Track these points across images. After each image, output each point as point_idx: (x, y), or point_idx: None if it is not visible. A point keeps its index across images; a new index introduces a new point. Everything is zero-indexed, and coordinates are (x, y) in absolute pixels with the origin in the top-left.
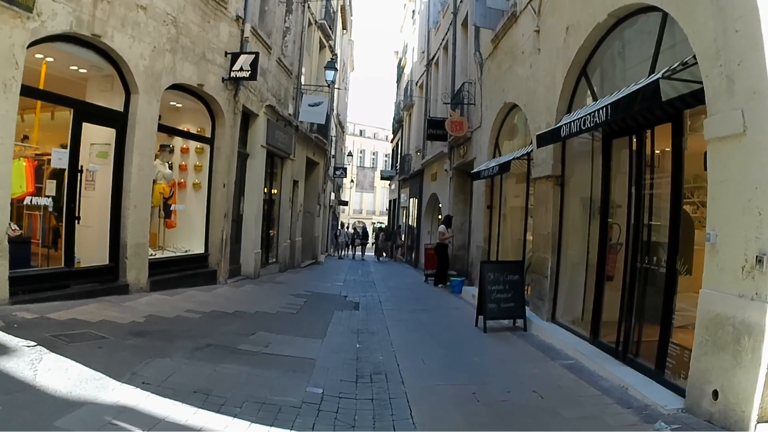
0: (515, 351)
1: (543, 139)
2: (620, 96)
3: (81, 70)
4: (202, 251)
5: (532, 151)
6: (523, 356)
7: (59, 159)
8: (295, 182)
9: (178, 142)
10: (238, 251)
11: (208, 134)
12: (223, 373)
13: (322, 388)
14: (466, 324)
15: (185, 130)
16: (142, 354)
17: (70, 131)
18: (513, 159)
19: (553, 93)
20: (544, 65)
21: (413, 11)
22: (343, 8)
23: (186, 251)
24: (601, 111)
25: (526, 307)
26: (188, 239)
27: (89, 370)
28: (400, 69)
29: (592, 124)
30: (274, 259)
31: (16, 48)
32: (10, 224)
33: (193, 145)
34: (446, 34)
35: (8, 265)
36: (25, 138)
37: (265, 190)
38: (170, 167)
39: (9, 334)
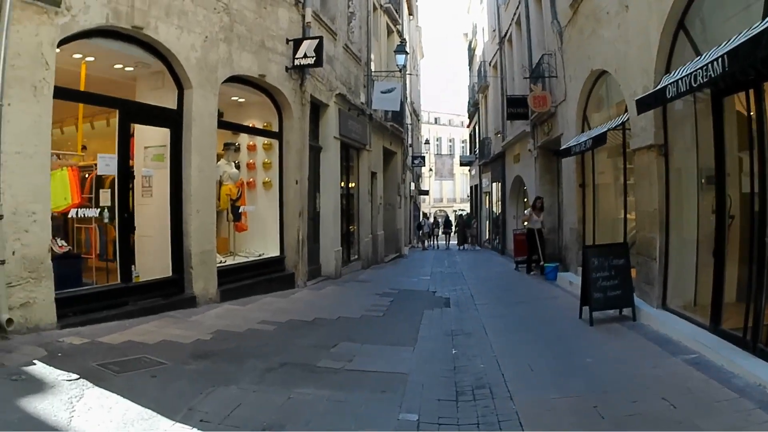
0: (629, 346)
1: (644, 104)
2: (739, 42)
3: (127, 69)
4: (278, 254)
5: (627, 119)
6: (639, 352)
7: (106, 165)
8: (373, 174)
9: (243, 139)
10: (316, 251)
11: (275, 128)
12: (299, 401)
13: (417, 414)
14: (568, 316)
15: (250, 125)
16: (203, 382)
17: (117, 133)
18: (608, 130)
19: (647, 52)
20: (635, 23)
21: None
22: None
23: (260, 255)
24: (716, 63)
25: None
26: (262, 242)
27: (137, 407)
28: (471, 51)
29: (705, 80)
30: (356, 256)
31: (45, 47)
32: (55, 240)
33: (260, 141)
34: (517, 7)
35: (53, 285)
36: (84, 149)
37: (342, 184)
38: (237, 166)
39: (50, 365)
